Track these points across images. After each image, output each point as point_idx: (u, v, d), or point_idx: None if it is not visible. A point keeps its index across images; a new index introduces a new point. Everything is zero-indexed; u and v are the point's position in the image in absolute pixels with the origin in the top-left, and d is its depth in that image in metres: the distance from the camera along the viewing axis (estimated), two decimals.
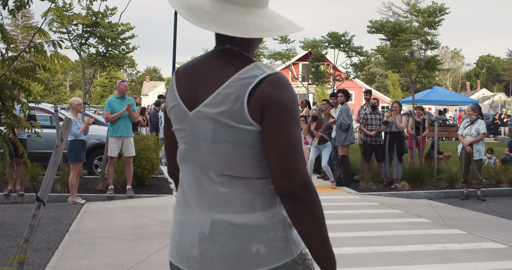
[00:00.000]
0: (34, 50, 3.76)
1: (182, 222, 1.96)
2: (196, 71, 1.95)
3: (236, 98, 1.80)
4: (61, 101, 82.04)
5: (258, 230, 1.83)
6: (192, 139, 1.93)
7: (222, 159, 1.86)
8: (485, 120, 12.32)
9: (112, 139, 10.81)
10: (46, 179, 4.58)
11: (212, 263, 1.85)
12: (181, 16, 1.86)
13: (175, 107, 1.97)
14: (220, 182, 1.88)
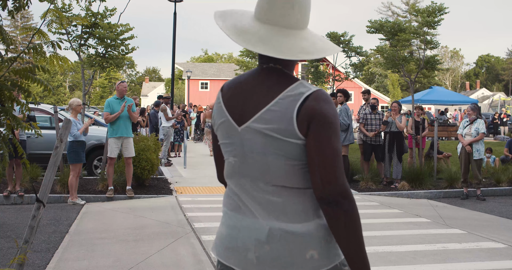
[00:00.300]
0: (33, 51, 3.76)
1: (236, 226, 2.09)
2: (244, 89, 2.09)
3: (284, 114, 1.93)
4: (61, 102, 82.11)
5: (313, 238, 1.98)
6: (241, 152, 2.06)
7: (273, 170, 1.99)
8: (485, 119, 12.31)
9: (111, 139, 10.80)
10: (45, 180, 4.58)
11: (268, 264, 1.98)
12: (230, 38, 1.99)
13: (224, 123, 2.11)
14: (272, 192, 2.01)
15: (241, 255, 2.05)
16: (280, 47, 1.95)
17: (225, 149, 2.15)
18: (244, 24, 2.03)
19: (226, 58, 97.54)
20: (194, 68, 60.61)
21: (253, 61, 34.71)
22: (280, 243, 1.97)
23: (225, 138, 2.13)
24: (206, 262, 6.33)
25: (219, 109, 2.14)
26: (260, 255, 1.99)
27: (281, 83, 2.01)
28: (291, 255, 1.96)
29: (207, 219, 8.82)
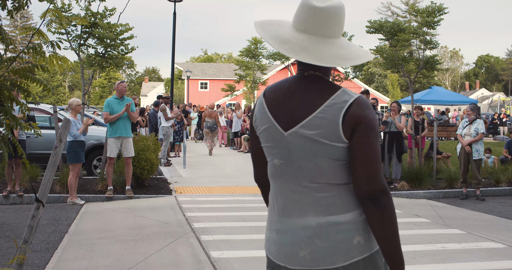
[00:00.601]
0: (33, 51, 3.76)
1: (284, 230, 2.26)
2: (288, 95, 2.26)
3: (331, 121, 2.12)
4: (60, 102, 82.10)
5: (357, 225, 2.17)
6: (287, 155, 2.23)
7: (318, 170, 2.19)
8: (485, 119, 12.29)
9: (111, 139, 10.81)
10: (45, 180, 4.58)
11: (321, 259, 2.16)
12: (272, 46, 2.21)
13: (269, 128, 2.27)
14: (317, 190, 2.19)
15: (294, 254, 2.21)
16: (321, 55, 2.14)
17: (269, 151, 2.32)
18: (284, 34, 2.22)
19: (225, 58, 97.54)
20: (194, 68, 60.61)
21: (253, 61, 34.74)
22: (329, 235, 2.16)
23: (269, 142, 2.29)
24: (205, 262, 6.33)
25: (263, 114, 2.30)
26: (311, 251, 2.17)
27: (325, 91, 2.19)
28: (340, 243, 2.15)
29: (206, 219, 8.82)
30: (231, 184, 12.85)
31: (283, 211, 2.28)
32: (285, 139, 2.22)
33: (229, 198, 11.04)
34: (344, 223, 2.17)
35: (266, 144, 2.32)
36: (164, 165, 15.99)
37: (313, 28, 2.19)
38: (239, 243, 7.26)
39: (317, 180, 2.20)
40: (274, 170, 2.32)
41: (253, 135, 2.44)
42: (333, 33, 2.22)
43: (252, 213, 9.42)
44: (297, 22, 2.24)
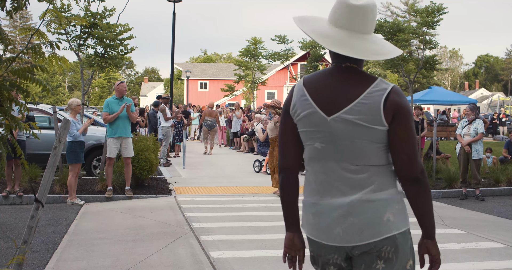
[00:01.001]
0: (32, 51, 3.76)
1: (321, 210, 2.51)
2: (329, 84, 2.49)
3: (373, 106, 2.37)
4: (60, 102, 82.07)
5: (389, 203, 2.43)
6: (330, 139, 2.46)
7: (359, 152, 2.43)
8: (484, 118, 12.29)
9: (110, 140, 10.80)
10: (44, 180, 4.58)
11: (352, 235, 2.42)
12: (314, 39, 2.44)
13: (312, 114, 2.48)
14: (356, 171, 2.43)
15: (329, 232, 2.47)
16: (357, 49, 2.39)
17: (310, 136, 2.52)
18: (322, 29, 2.48)
19: (225, 58, 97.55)
20: (193, 68, 60.61)
21: (252, 61, 34.76)
22: (361, 211, 2.40)
23: (311, 127, 2.50)
24: (205, 262, 6.33)
25: (305, 101, 2.51)
26: (345, 228, 2.42)
27: (365, 80, 2.45)
28: (370, 218, 2.40)
29: (206, 219, 8.82)
30: (231, 184, 12.85)
31: (320, 192, 2.52)
32: (328, 123, 2.44)
33: (228, 198, 11.04)
34: (375, 201, 2.41)
35: (307, 129, 2.52)
36: (163, 165, 15.99)
37: (349, 24, 2.44)
38: (238, 243, 7.26)
39: (357, 162, 2.44)
40: (314, 153, 2.53)
41: (288, 122, 2.60)
42: (367, 29, 2.48)
43: (252, 213, 9.42)
44: (334, 18, 2.49)
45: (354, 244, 2.43)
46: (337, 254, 2.51)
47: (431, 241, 2.55)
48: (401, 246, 2.45)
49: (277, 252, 6.79)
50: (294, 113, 2.56)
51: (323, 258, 2.58)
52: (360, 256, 2.46)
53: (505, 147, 16.26)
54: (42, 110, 14.20)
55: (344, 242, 2.45)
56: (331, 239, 2.48)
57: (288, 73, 47.65)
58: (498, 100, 52.49)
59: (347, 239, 2.43)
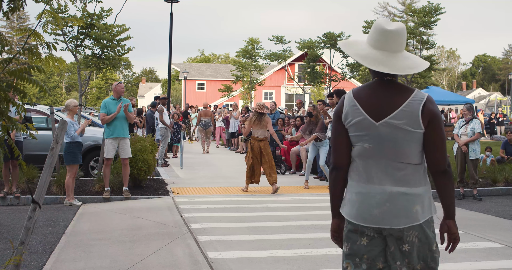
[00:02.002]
0: (29, 52, 3.75)
1: (363, 192, 3.03)
2: (375, 95, 3.04)
3: (413, 113, 2.93)
4: (57, 103, 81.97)
5: (419, 197, 2.97)
6: (378, 140, 3.00)
7: (401, 152, 2.98)
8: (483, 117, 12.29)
9: (108, 140, 10.80)
10: (41, 181, 4.57)
11: (386, 219, 2.95)
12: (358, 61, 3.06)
13: (362, 120, 3.02)
14: (398, 168, 2.98)
15: (368, 212, 2.99)
16: (393, 66, 2.97)
17: (360, 138, 3.05)
18: (363, 52, 3.06)
19: (222, 59, 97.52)
20: (191, 69, 60.60)
21: (250, 62, 34.77)
22: (396, 201, 2.94)
23: (361, 131, 3.04)
24: (202, 262, 6.33)
25: (356, 110, 3.05)
26: (382, 211, 2.95)
27: (405, 91, 3.02)
28: (402, 209, 2.94)
29: (203, 219, 8.81)
30: (228, 184, 12.84)
31: (366, 180, 3.03)
32: (376, 128, 2.99)
33: (226, 198, 11.03)
34: (409, 194, 2.95)
35: (357, 133, 3.06)
36: (161, 166, 15.98)
37: (385, 46, 3.02)
38: (236, 243, 7.26)
39: (400, 160, 2.99)
40: (363, 152, 3.06)
41: (340, 127, 3.14)
42: (399, 48, 3.04)
43: (250, 214, 9.42)
44: (372, 41, 3.06)
45: (386, 226, 2.96)
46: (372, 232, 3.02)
47: (453, 221, 3.09)
48: (425, 232, 2.97)
49: (275, 252, 6.79)
50: (345, 120, 3.10)
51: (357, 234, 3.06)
52: (390, 237, 2.98)
53: (502, 147, 16.26)
54: (39, 111, 14.17)
55: (380, 224, 2.97)
56: (368, 221, 2.99)
57: (285, 74, 47.68)
58: (496, 100, 52.52)
59: (382, 221, 2.96)
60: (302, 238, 7.53)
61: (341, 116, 3.11)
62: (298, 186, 12.77)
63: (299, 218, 9.06)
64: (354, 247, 3.06)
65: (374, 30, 3.05)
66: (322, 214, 9.42)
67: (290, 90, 54.94)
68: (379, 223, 2.96)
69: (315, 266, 6.22)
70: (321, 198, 11.13)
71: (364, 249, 3.03)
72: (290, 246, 7.10)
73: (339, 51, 27.05)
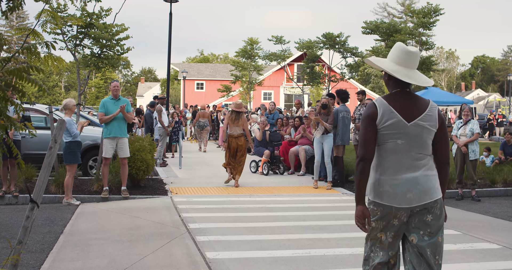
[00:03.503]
0: (27, 52, 3.75)
1: (397, 183, 3.81)
2: (403, 102, 3.90)
3: (433, 116, 3.89)
4: (56, 102, 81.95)
5: (436, 178, 3.89)
6: (408, 137, 3.84)
7: (423, 145, 3.87)
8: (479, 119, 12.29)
9: (106, 140, 10.80)
10: (39, 180, 4.57)
11: (419, 198, 3.79)
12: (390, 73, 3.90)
13: (396, 121, 3.83)
14: (420, 158, 3.86)
15: (403, 196, 3.78)
16: (415, 79, 3.92)
17: (393, 135, 3.84)
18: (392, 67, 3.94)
19: (221, 59, 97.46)
20: (190, 69, 60.58)
21: (249, 62, 34.77)
22: (425, 182, 3.82)
23: (395, 130, 3.84)
24: (200, 262, 6.33)
25: (391, 113, 3.84)
26: (415, 192, 3.78)
27: (423, 100, 3.97)
28: (430, 187, 3.83)
29: (202, 219, 8.81)
30: (227, 184, 12.83)
31: (397, 171, 3.82)
32: (407, 127, 3.83)
33: (224, 198, 11.03)
34: (432, 175, 3.87)
35: (391, 131, 3.84)
36: (160, 166, 15.97)
37: (408, 63, 3.95)
38: (234, 244, 7.26)
39: (421, 152, 3.87)
40: (396, 147, 3.85)
41: (372, 127, 3.86)
42: (415, 66, 3.99)
43: (248, 214, 9.41)
44: (396, 59, 3.96)
45: (419, 204, 3.78)
46: (404, 212, 3.80)
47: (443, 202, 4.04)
48: (441, 205, 3.90)
49: (273, 252, 6.79)
50: (380, 121, 3.85)
51: (391, 216, 3.81)
52: (418, 212, 3.81)
53: (501, 148, 16.23)
54: (38, 110, 14.16)
55: (413, 203, 3.78)
56: (403, 202, 3.77)
57: (284, 74, 47.70)
58: (495, 101, 52.59)
59: (415, 200, 3.78)
60: (301, 239, 7.53)
61: (375, 118, 3.86)
62: (297, 187, 12.76)
63: (297, 219, 9.05)
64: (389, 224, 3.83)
65: (399, 51, 3.96)
66: (321, 214, 9.42)
67: (289, 90, 54.95)
68: (413, 203, 3.77)
69: (314, 267, 6.22)
70: (320, 199, 11.13)
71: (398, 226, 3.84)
72: (289, 246, 7.09)
73: (338, 52, 27.02)
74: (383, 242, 3.88)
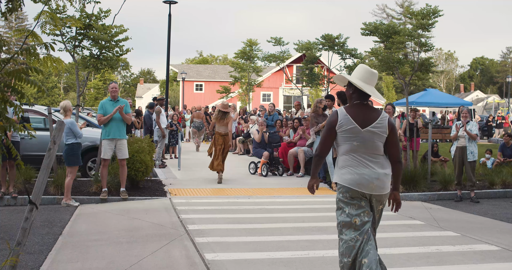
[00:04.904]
0: (26, 53, 3.75)
1: (360, 173, 4.68)
2: (360, 112, 4.77)
3: (384, 125, 4.73)
4: (55, 103, 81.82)
5: (389, 176, 4.75)
6: (362, 140, 4.70)
7: (375, 147, 4.71)
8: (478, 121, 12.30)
9: (105, 141, 10.80)
10: (38, 182, 4.56)
11: (378, 189, 4.68)
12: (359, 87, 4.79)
13: (353, 127, 4.71)
14: (376, 157, 4.74)
15: (367, 185, 4.67)
16: (376, 95, 4.92)
17: (349, 139, 4.71)
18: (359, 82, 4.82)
19: (221, 60, 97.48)
20: (189, 70, 60.58)
21: (248, 63, 34.80)
22: (383, 178, 4.71)
23: (351, 134, 4.71)
24: (199, 264, 6.33)
25: (348, 120, 4.72)
26: (377, 185, 4.68)
27: (376, 111, 4.84)
28: (385, 182, 4.72)
29: (201, 221, 8.81)
30: (226, 186, 12.84)
31: (359, 165, 4.71)
32: (361, 132, 4.70)
33: (223, 200, 11.03)
34: (388, 174, 4.76)
35: (348, 135, 4.72)
36: (159, 167, 15.96)
37: (371, 81, 4.89)
38: (233, 245, 7.26)
39: (374, 152, 4.74)
40: (352, 147, 4.73)
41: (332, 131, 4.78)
42: (375, 84, 4.93)
43: (247, 215, 9.41)
44: (362, 77, 4.86)
45: (377, 193, 4.70)
46: (367, 196, 4.73)
47: (397, 192, 4.95)
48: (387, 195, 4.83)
49: (272, 254, 6.79)
50: (339, 127, 4.74)
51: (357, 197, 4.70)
52: (375, 201, 4.76)
53: (500, 150, 16.23)
54: (37, 111, 14.16)
55: (374, 192, 4.69)
56: (368, 189, 4.68)
57: (283, 75, 47.67)
58: (493, 102, 52.59)
59: (375, 190, 4.68)
60: (300, 240, 7.53)
61: (335, 125, 4.76)
62: (296, 188, 12.76)
63: (296, 220, 9.06)
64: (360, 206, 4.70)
65: (364, 71, 4.89)
66: (320, 216, 9.42)
67: (288, 91, 54.95)
68: (374, 192, 4.69)
69: (312, 268, 6.22)
70: (319, 200, 11.13)
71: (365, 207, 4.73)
72: (288, 248, 7.09)
73: (337, 53, 27.01)
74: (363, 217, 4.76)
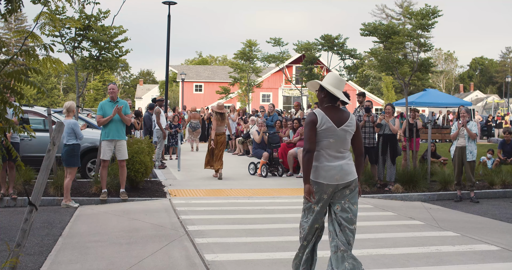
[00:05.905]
0: (26, 54, 3.75)
1: (329, 168, 5.20)
2: (334, 113, 5.34)
3: (353, 123, 5.39)
4: (55, 104, 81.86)
5: (353, 165, 5.40)
6: (337, 138, 5.27)
7: (345, 143, 5.35)
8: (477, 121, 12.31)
9: (104, 142, 10.80)
10: (38, 183, 4.56)
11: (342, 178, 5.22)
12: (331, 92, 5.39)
13: (330, 126, 5.25)
14: (343, 151, 5.33)
15: (332, 176, 5.19)
16: (345, 99, 5.45)
17: (326, 136, 5.25)
18: (330, 88, 5.38)
19: (220, 61, 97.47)
20: (188, 71, 60.60)
21: (247, 64, 34.82)
22: (347, 167, 5.27)
23: (328, 132, 5.24)
24: (199, 265, 6.32)
25: (326, 120, 5.24)
26: (341, 175, 5.22)
27: (347, 112, 5.42)
28: (349, 170, 5.28)
29: (200, 222, 8.81)
30: (226, 186, 12.84)
31: (329, 161, 5.24)
32: (337, 131, 5.26)
33: (223, 200, 11.02)
34: (350, 163, 5.33)
35: (326, 133, 5.24)
36: (158, 168, 15.96)
37: (339, 86, 5.44)
38: (233, 246, 7.26)
39: (345, 148, 5.34)
40: (328, 144, 5.26)
41: (314, 129, 5.25)
42: (342, 89, 5.48)
43: (247, 216, 9.41)
44: (333, 83, 5.42)
45: (342, 182, 5.22)
46: (331, 188, 5.22)
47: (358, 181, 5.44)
48: (356, 184, 5.34)
49: (272, 254, 6.79)
50: (320, 125, 5.24)
51: (324, 192, 5.22)
52: (341, 189, 5.26)
53: (499, 147, 16.17)
54: (37, 112, 14.15)
55: (339, 181, 5.20)
56: (333, 180, 5.19)
57: (283, 76, 47.67)
58: (493, 102, 52.55)
59: (340, 180, 5.21)
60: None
61: (316, 123, 5.26)
62: (296, 188, 12.76)
63: (296, 220, 9.02)
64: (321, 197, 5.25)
65: (335, 78, 5.49)
66: None
67: (287, 92, 54.95)
68: (339, 181, 5.21)
69: None
70: None
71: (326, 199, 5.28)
72: (287, 248, 7.09)
73: (336, 54, 27.03)
74: (314, 211, 5.33)
